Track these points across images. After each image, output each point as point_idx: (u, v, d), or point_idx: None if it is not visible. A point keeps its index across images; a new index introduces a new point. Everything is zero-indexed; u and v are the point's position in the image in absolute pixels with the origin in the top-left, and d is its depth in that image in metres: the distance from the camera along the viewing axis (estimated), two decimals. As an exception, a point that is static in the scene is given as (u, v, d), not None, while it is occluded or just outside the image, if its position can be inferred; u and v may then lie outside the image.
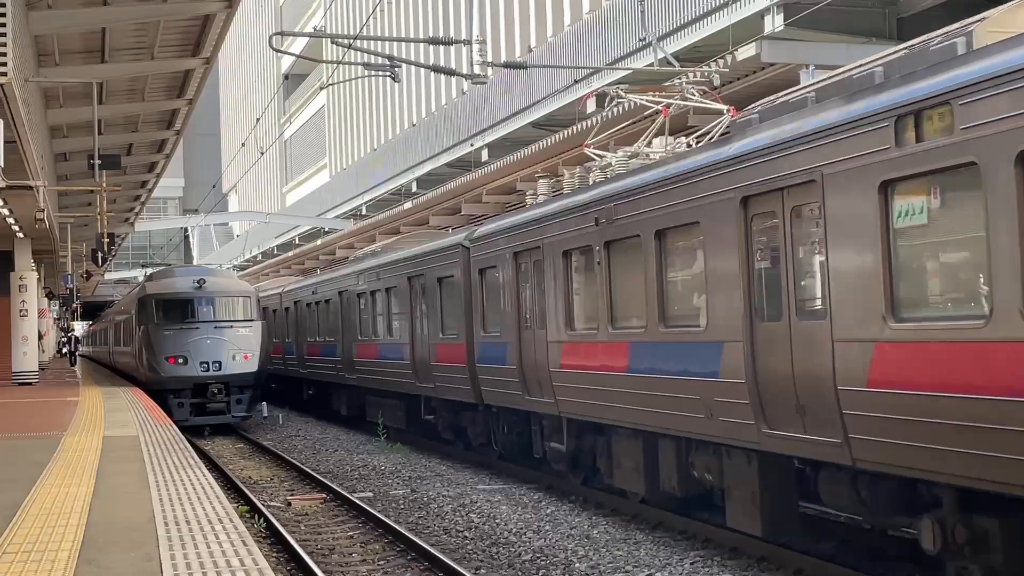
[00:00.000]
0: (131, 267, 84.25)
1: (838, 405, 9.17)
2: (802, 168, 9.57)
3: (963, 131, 7.79)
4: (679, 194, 11.62)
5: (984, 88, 7.62)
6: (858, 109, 8.93)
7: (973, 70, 7.80)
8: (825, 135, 9.28)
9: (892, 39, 23.91)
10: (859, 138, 8.85)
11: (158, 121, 28.45)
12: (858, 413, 8.96)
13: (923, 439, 8.28)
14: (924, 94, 8.17)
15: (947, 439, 8.05)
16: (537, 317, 15.64)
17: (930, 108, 8.11)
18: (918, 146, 8.24)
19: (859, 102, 9.00)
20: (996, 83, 7.51)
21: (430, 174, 49.87)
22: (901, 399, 8.47)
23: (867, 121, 8.76)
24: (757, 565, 11.22)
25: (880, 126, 8.60)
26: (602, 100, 32.31)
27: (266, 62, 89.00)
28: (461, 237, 19.21)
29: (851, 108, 9.06)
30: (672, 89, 15.32)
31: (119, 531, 8.48)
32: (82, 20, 19.09)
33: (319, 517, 15.31)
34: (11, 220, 27.45)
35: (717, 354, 10.92)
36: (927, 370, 8.22)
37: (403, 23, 56.10)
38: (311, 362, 31.54)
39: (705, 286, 11.19)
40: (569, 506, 15.11)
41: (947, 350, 8.04)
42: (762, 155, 10.12)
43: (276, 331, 36.61)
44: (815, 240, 9.57)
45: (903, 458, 8.53)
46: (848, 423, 9.08)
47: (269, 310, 37.02)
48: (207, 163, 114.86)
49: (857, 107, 8.96)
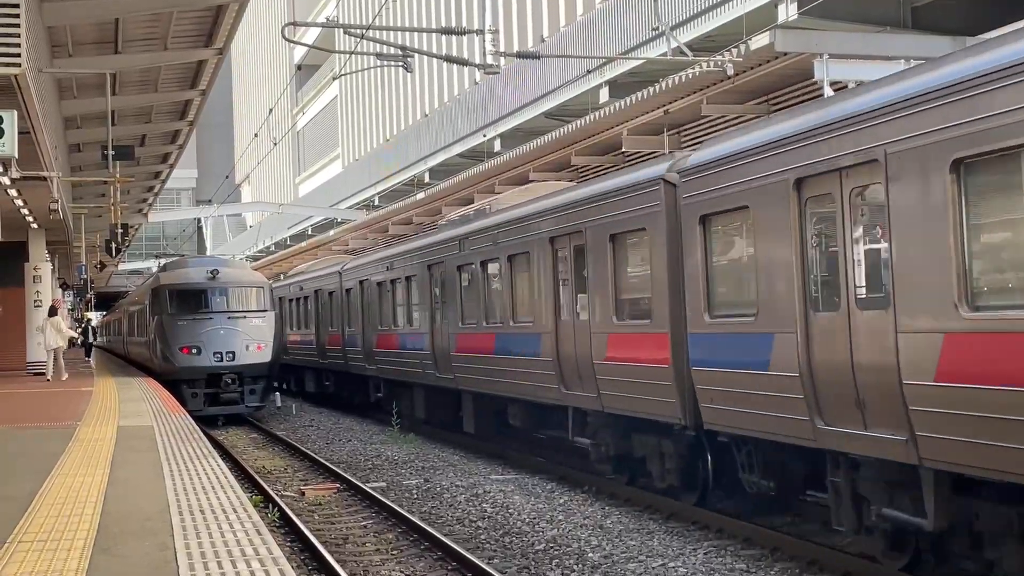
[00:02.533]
0: (144, 258, 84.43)
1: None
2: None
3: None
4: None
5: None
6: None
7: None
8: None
9: (906, 28, 23.81)
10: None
11: (171, 112, 28.47)
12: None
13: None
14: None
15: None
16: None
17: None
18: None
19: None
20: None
21: (442, 164, 49.84)
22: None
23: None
24: (771, 555, 11.21)
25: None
26: (616, 90, 32.33)
27: (278, 53, 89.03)
28: (661, 168, 12.95)
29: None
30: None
31: (134, 520, 8.51)
32: (95, 11, 19.10)
33: (333, 507, 15.34)
34: (25, 211, 27.52)
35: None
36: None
37: (415, 13, 56.03)
38: (383, 357, 25.42)
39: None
40: (582, 496, 15.11)
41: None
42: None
43: (331, 318, 30.70)
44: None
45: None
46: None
47: (322, 292, 31.65)
48: (220, 154, 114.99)
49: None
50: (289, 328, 36.58)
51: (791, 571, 10.63)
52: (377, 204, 56.03)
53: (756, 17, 25.29)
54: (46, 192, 24.03)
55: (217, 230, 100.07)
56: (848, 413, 9.51)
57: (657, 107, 22.06)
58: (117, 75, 22.60)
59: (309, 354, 33.98)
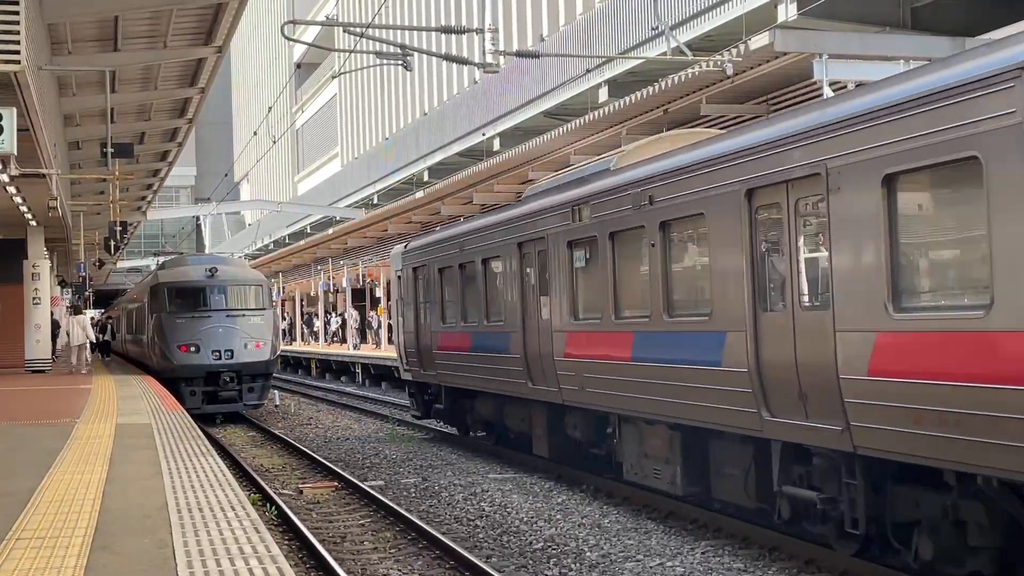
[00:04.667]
0: (143, 256, 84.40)
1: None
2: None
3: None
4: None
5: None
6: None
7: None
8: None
9: (906, 28, 23.83)
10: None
11: (170, 110, 28.48)
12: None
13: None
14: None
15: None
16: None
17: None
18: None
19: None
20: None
21: (442, 163, 49.87)
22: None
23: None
24: (768, 555, 11.22)
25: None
26: (615, 89, 32.35)
27: (278, 51, 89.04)
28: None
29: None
30: None
31: (132, 517, 8.51)
32: (95, 8, 19.11)
33: (331, 505, 15.35)
34: (24, 208, 27.52)
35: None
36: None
37: (415, 11, 56.04)
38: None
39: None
40: (580, 495, 15.12)
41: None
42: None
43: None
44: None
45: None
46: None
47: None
48: (219, 152, 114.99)
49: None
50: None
51: (789, 571, 10.64)
52: (376, 203, 56.05)
53: (756, 17, 25.32)
54: (45, 189, 24.04)
55: (216, 228, 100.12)
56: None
57: (656, 106, 22.08)
58: (116, 72, 22.60)
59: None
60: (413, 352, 21.95)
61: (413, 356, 21.99)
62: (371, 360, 40.88)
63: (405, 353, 22.61)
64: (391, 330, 49.01)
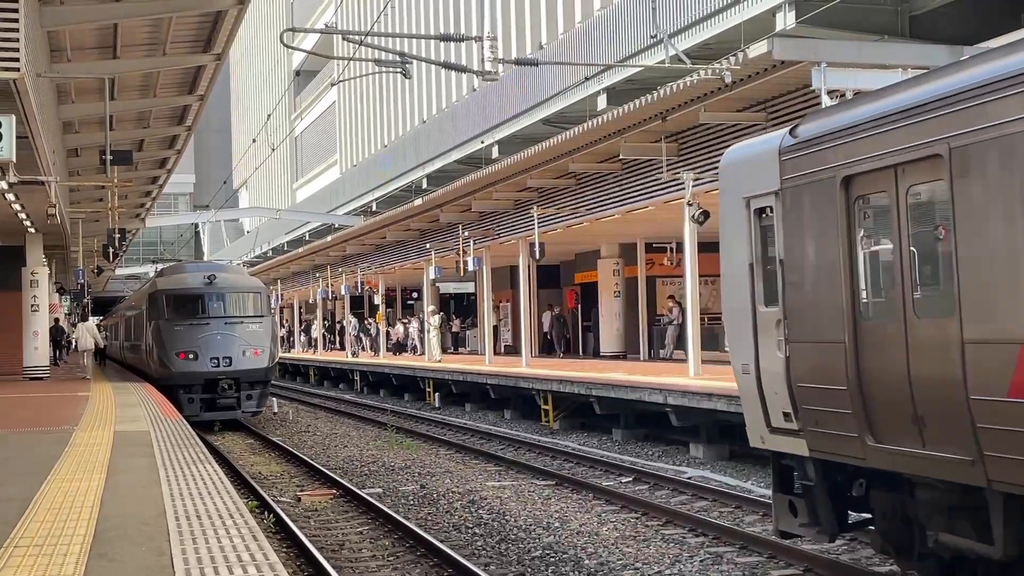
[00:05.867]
0: (142, 263, 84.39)
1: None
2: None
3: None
4: None
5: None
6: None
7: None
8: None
9: (904, 37, 23.88)
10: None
11: (169, 117, 28.50)
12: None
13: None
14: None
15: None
16: None
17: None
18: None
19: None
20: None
21: (440, 171, 49.90)
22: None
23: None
24: (767, 562, 11.22)
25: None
26: (614, 97, 32.35)
27: (277, 58, 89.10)
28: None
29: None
30: None
31: (130, 525, 8.51)
32: (94, 16, 19.12)
33: (329, 513, 15.33)
34: (23, 215, 27.52)
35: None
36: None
37: (414, 20, 56.10)
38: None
39: None
40: (578, 503, 15.12)
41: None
42: None
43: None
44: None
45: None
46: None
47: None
48: (218, 159, 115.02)
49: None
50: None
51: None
52: (375, 210, 56.05)
53: (754, 25, 25.36)
54: (44, 196, 24.04)
55: (215, 235, 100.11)
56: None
57: (655, 114, 22.09)
58: (116, 80, 22.61)
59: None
60: (820, 392, 9.17)
61: (817, 400, 9.23)
62: (369, 368, 40.95)
63: (794, 393, 9.47)
64: (389, 338, 49.11)
